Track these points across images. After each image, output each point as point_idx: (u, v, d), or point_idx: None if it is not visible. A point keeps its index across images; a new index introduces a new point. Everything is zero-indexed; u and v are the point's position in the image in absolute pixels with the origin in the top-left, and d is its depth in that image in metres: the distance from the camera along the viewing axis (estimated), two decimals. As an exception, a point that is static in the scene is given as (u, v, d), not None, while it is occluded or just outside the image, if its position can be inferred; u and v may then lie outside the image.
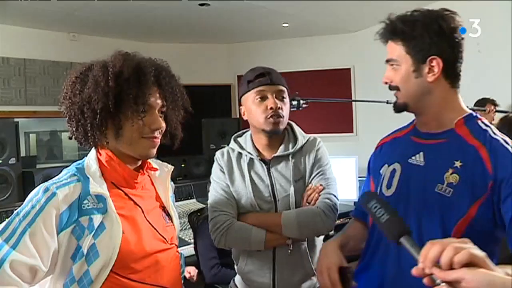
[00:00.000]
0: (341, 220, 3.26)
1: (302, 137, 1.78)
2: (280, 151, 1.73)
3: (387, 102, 2.75)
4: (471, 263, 0.82)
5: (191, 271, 2.41)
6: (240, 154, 1.77)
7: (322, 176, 1.71)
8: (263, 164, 1.72)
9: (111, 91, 1.21)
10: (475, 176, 1.20)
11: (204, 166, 4.47)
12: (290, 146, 1.75)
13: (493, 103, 3.77)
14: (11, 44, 4.85)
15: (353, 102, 5.78)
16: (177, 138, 1.41)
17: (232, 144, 1.81)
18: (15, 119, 3.86)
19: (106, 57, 1.30)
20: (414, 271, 0.87)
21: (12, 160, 3.43)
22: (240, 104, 1.80)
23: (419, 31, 1.28)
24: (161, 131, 1.31)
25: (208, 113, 4.71)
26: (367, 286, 1.39)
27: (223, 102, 6.24)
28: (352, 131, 5.77)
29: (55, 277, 1.21)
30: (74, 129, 1.27)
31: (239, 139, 1.83)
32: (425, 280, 0.87)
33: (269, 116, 1.67)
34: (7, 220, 1.16)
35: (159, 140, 1.32)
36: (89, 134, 1.24)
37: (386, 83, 1.38)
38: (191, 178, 4.35)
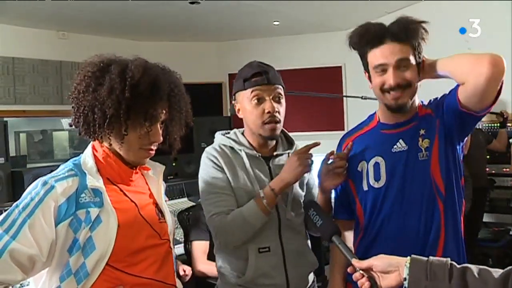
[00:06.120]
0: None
1: (294, 141, 1.81)
2: (280, 149, 1.75)
3: (362, 98, 2.81)
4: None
5: (186, 270, 2.41)
6: (234, 150, 1.71)
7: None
8: (264, 161, 1.71)
9: (125, 101, 1.24)
10: (430, 128, 1.49)
11: (195, 165, 4.42)
12: (287, 146, 1.78)
13: None
14: (-1, 43, 4.80)
15: (344, 100, 5.79)
16: (175, 148, 1.45)
17: (224, 140, 1.74)
18: (4, 118, 3.81)
19: (121, 55, 1.34)
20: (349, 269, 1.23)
21: (1, 160, 3.39)
22: (231, 100, 1.77)
23: (422, 34, 1.45)
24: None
25: (199, 112, 4.60)
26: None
27: (214, 100, 6.22)
28: (343, 129, 5.76)
29: (51, 270, 1.24)
30: (79, 121, 1.30)
31: (228, 135, 1.77)
32: (349, 269, 1.23)
33: (266, 121, 1.64)
34: (5, 212, 1.20)
35: (154, 152, 1.37)
36: (93, 131, 1.28)
37: (398, 83, 1.44)
38: (182, 177, 4.33)
